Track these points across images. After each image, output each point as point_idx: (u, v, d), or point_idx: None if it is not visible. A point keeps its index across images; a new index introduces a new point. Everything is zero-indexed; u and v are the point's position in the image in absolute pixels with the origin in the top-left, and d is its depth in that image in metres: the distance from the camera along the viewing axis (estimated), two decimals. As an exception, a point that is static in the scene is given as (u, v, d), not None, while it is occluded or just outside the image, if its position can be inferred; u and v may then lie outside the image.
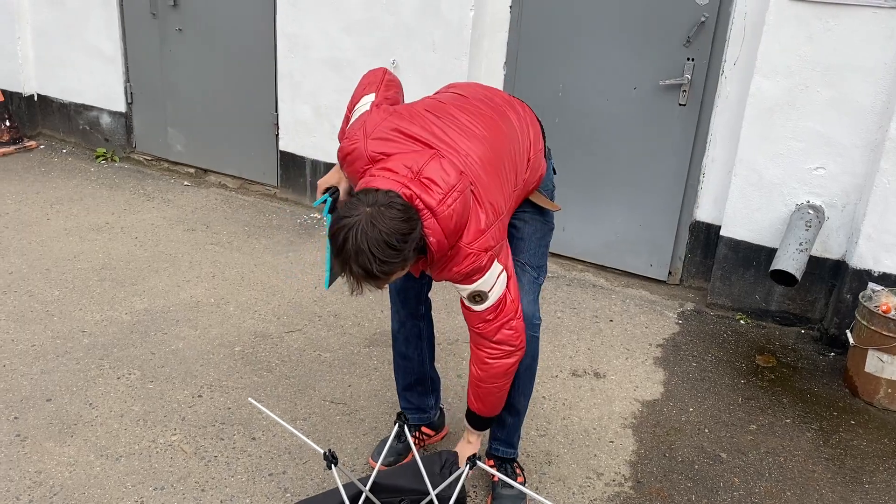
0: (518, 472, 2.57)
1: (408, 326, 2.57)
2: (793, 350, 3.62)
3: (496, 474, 2.05)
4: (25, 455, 2.62)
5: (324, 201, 2.28)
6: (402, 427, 2.29)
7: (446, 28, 4.19)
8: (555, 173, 2.44)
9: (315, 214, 4.85)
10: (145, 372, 3.12)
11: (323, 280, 3.99)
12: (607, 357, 3.46)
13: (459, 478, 2.08)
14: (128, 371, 3.12)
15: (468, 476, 2.14)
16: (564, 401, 3.12)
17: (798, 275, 3.39)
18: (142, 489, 2.50)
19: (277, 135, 4.98)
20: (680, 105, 3.90)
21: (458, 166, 1.99)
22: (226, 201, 5.01)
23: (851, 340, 3.30)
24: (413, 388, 2.67)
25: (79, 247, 4.21)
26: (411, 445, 2.26)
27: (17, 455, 2.62)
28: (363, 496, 2.12)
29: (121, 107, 5.55)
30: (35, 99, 5.87)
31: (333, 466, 1.98)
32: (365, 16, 4.41)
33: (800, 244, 3.44)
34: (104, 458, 2.63)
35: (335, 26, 4.52)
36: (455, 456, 2.28)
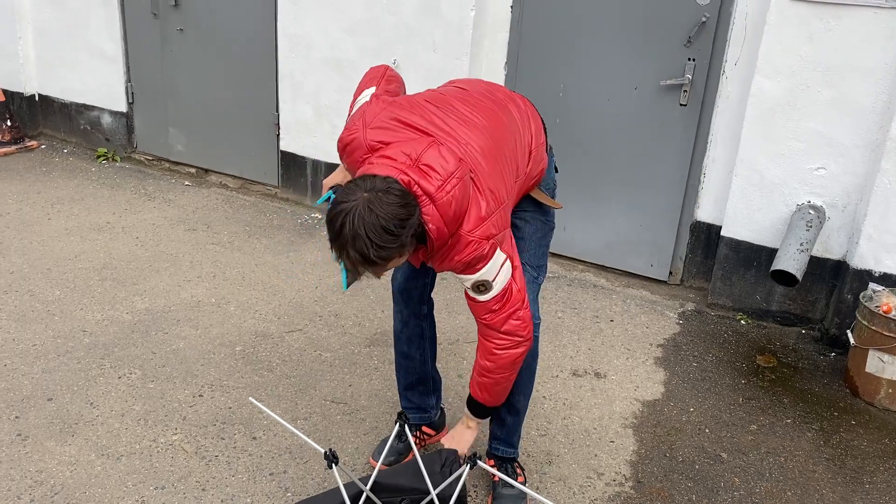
0: (519, 472, 2.57)
1: (410, 326, 2.57)
2: (793, 350, 3.62)
3: (497, 474, 2.05)
4: (26, 454, 2.63)
5: (327, 199, 2.26)
6: (403, 426, 2.29)
7: (447, 28, 4.20)
8: (556, 171, 2.45)
9: (316, 214, 4.85)
10: (146, 371, 3.12)
11: (322, 282, 3.99)
12: (608, 357, 3.46)
13: (460, 477, 2.08)
14: (129, 370, 3.12)
15: (468, 475, 2.14)
16: (565, 401, 3.12)
17: (799, 275, 3.39)
18: (143, 488, 2.51)
19: (278, 135, 4.99)
20: (681, 105, 3.91)
21: (458, 153, 1.98)
22: (227, 201, 5.02)
23: (852, 340, 3.30)
24: (414, 388, 2.67)
25: (80, 246, 4.21)
26: (412, 445, 2.27)
27: (19, 454, 2.62)
28: (364, 496, 2.12)
29: (122, 107, 5.55)
30: (36, 99, 5.87)
31: (334, 466, 1.98)
32: (366, 16, 4.41)
33: (801, 244, 3.44)
34: (105, 458, 2.63)
35: (336, 26, 4.52)
36: (455, 455, 2.28)
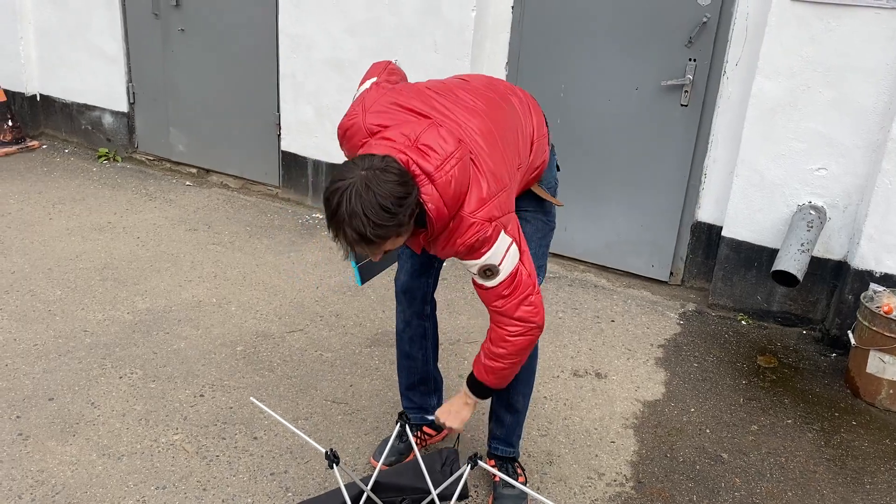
0: (519, 472, 2.57)
1: (413, 326, 2.57)
2: (794, 351, 3.62)
3: (497, 474, 2.05)
4: (28, 454, 2.63)
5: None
6: (404, 427, 2.29)
7: (448, 29, 4.20)
8: (558, 170, 2.45)
9: (317, 214, 4.86)
10: (147, 371, 3.13)
11: (323, 282, 4.00)
12: (609, 357, 3.46)
13: (461, 477, 2.08)
14: (130, 370, 3.13)
15: (469, 475, 2.15)
16: (566, 401, 3.12)
17: (800, 275, 3.39)
18: (143, 488, 2.51)
19: (279, 135, 4.99)
20: (682, 105, 3.91)
21: (457, 135, 1.97)
22: (228, 201, 5.02)
23: (853, 341, 3.30)
24: (416, 388, 2.67)
25: (81, 246, 4.22)
26: (413, 445, 2.27)
27: (20, 454, 2.62)
28: (364, 496, 2.12)
29: (123, 107, 5.55)
30: (37, 99, 5.88)
31: (335, 466, 1.99)
32: (367, 16, 4.41)
33: (801, 245, 3.44)
34: (106, 458, 2.63)
35: (337, 27, 4.52)
36: (456, 454, 2.28)
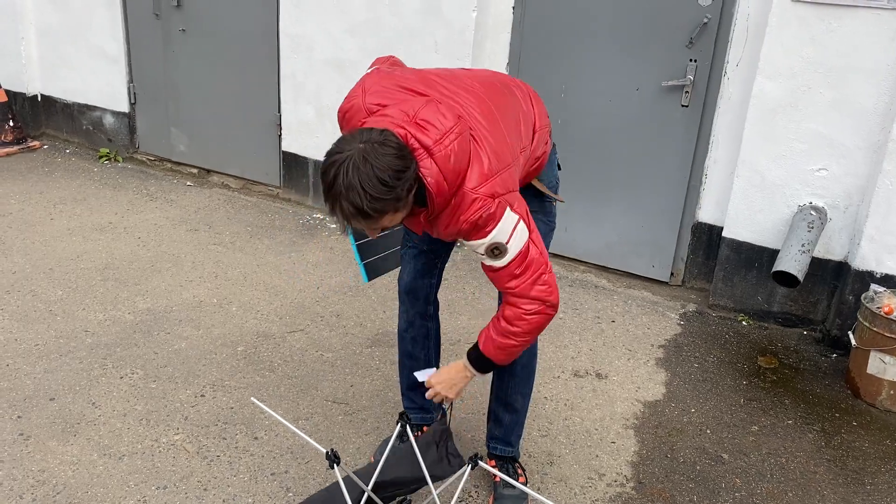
0: (520, 473, 2.57)
1: (416, 326, 2.57)
2: (795, 351, 3.62)
3: (498, 474, 2.06)
4: (29, 454, 2.63)
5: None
6: (405, 427, 2.29)
7: (449, 29, 4.20)
8: (559, 169, 2.45)
9: (318, 215, 4.86)
10: (148, 371, 3.13)
11: (324, 282, 4.00)
12: (609, 358, 3.46)
13: (462, 476, 2.08)
14: (131, 370, 3.13)
15: (469, 476, 2.15)
16: (566, 401, 3.12)
17: (800, 276, 3.39)
18: (144, 488, 2.51)
19: (280, 135, 4.99)
20: (682, 106, 3.91)
21: (457, 111, 1.96)
22: (228, 202, 5.02)
23: (853, 342, 3.30)
24: (417, 388, 2.67)
25: (82, 247, 4.22)
26: (413, 445, 2.27)
27: (21, 454, 2.63)
28: (365, 496, 2.12)
29: (124, 107, 5.56)
30: (39, 99, 5.88)
31: (335, 466, 1.99)
32: (367, 17, 4.42)
33: (802, 245, 3.44)
34: (107, 457, 2.64)
35: (338, 27, 4.52)
36: (448, 431, 2.25)
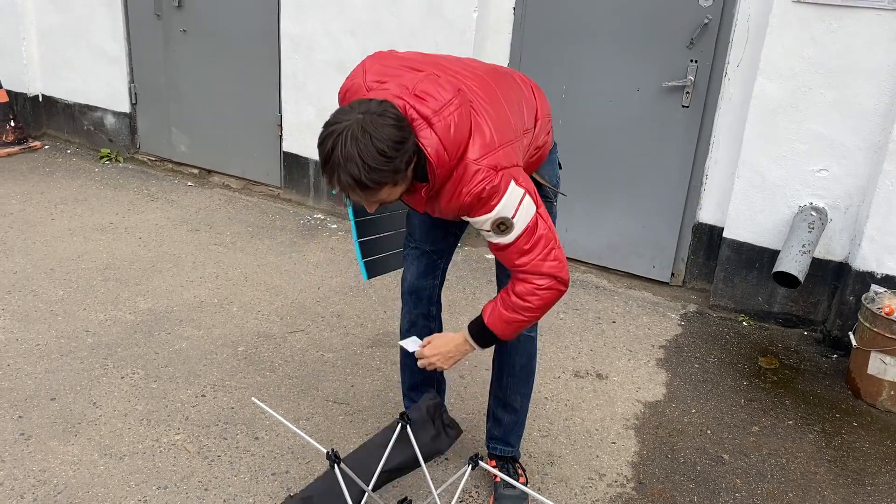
0: (520, 473, 2.57)
1: (419, 326, 2.56)
2: (795, 352, 3.62)
3: (498, 474, 2.06)
4: (30, 454, 2.63)
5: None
6: (405, 427, 2.29)
7: (449, 29, 4.20)
8: (560, 168, 2.45)
9: (318, 215, 4.86)
10: (149, 371, 3.13)
11: (324, 283, 4.00)
12: (610, 358, 3.46)
13: (463, 476, 2.08)
14: (131, 370, 3.13)
15: (469, 476, 2.15)
16: (567, 402, 3.12)
17: (801, 277, 3.39)
18: (145, 488, 2.51)
19: (281, 136, 4.99)
20: (683, 107, 3.91)
21: (457, 84, 1.96)
22: (229, 202, 5.03)
23: (854, 342, 3.30)
24: (419, 388, 2.67)
25: (83, 247, 4.22)
26: (414, 446, 2.27)
27: (22, 453, 2.63)
28: (365, 496, 2.12)
29: (125, 107, 5.56)
30: (40, 99, 5.89)
31: (336, 466, 1.99)
32: (368, 17, 4.42)
33: (802, 246, 3.44)
34: (108, 457, 2.64)
35: (339, 27, 4.53)
36: (440, 404, 2.25)
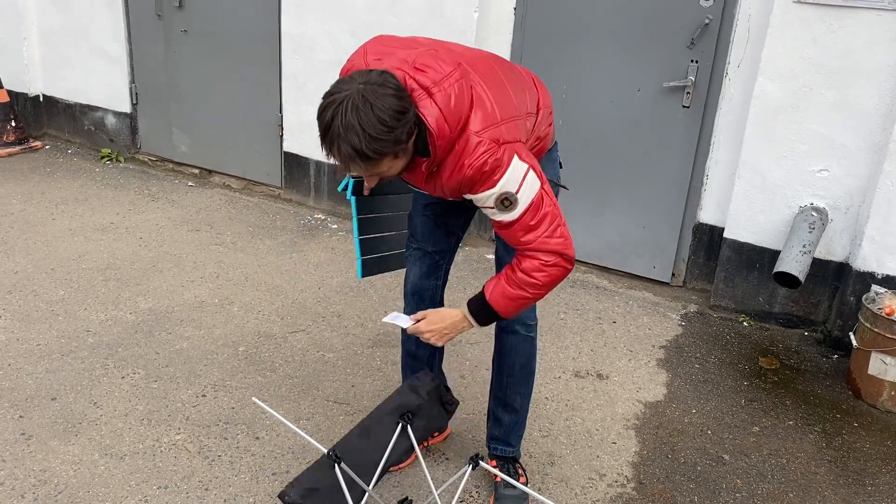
0: (520, 473, 2.57)
1: None
2: (796, 352, 3.62)
3: (498, 474, 2.06)
4: (30, 453, 2.64)
5: (346, 185, 2.32)
6: (405, 427, 2.29)
7: (450, 30, 4.20)
8: (561, 167, 2.46)
9: (319, 215, 4.86)
10: (149, 371, 3.13)
11: (325, 283, 4.00)
12: (610, 358, 3.46)
13: (463, 476, 2.08)
14: (132, 370, 3.13)
15: (469, 476, 2.15)
16: (567, 402, 3.12)
17: (801, 277, 3.39)
18: (146, 488, 2.51)
19: (282, 136, 4.99)
20: (683, 107, 3.91)
21: (457, 59, 1.97)
22: (230, 202, 5.03)
23: (855, 343, 3.30)
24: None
25: (84, 247, 4.23)
26: (414, 446, 2.27)
27: (22, 453, 2.63)
28: (366, 495, 2.12)
29: (126, 107, 5.56)
30: (40, 99, 5.89)
31: (337, 466, 1.99)
32: (369, 17, 4.42)
33: (803, 246, 3.44)
34: (108, 457, 2.64)
35: (339, 28, 4.53)
36: (438, 385, 2.27)
